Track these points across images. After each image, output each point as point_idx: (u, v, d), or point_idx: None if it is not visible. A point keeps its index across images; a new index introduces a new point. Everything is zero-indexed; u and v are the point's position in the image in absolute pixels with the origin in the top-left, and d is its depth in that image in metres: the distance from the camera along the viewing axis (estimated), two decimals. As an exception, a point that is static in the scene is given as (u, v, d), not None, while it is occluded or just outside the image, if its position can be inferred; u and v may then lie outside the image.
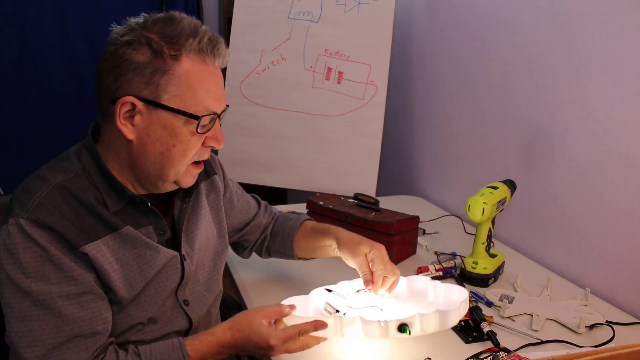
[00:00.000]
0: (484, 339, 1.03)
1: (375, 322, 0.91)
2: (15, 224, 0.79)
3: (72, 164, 0.88)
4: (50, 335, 0.80)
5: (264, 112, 2.04)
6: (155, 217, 0.92)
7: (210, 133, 0.88)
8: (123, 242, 0.87)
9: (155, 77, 0.82)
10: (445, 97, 1.92)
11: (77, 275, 0.82)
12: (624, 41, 1.21)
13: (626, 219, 1.24)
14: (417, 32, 2.07)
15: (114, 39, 0.85)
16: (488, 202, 1.21)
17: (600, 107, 1.29)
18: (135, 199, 0.89)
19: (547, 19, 1.43)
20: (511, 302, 1.20)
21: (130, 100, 0.82)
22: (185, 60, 0.83)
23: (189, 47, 0.83)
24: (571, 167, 1.38)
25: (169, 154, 0.86)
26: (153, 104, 0.83)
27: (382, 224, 1.38)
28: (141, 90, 0.82)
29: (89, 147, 0.90)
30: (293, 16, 2.02)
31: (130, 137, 0.85)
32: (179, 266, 0.95)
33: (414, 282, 1.09)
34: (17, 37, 2.56)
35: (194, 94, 0.84)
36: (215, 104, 0.87)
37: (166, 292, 0.93)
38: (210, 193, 1.06)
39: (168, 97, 0.83)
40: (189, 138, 0.86)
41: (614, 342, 1.06)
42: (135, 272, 0.88)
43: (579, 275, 1.36)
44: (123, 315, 0.89)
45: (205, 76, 0.85)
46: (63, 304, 0.80)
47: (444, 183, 1.97)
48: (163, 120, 0.84)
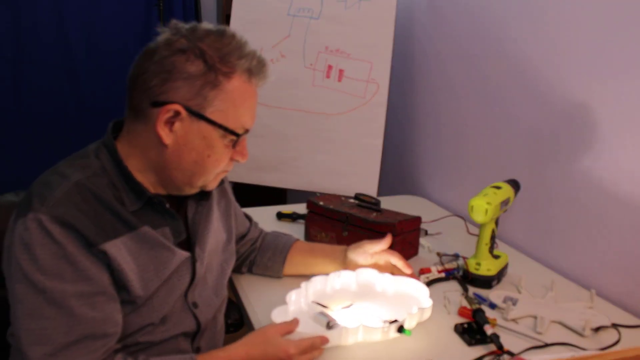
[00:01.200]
0: (487, 341, 1.02)
1: (378, 328, 0.97)
2: (34, 219, 0.79)
3: (91, 162, 0.89)
4: (60, 334, 0.79)
5: (263, 111, 2.02)
6: (172, 218, 0.94)
7: (238, 148, 0.93)
8: (141, 242, 0.88)
9: (204, 90, 0.85)
10: (448, 95, 1.91)
11: (92, 275, 0.82)
12: (626, 41, 1.20)
13: (632, 220, 1.22)
14: (419, 29, 2.05)
15: (165, 43, 0.86)
16: (491, 202, 1.20)
17: (605, 106, 1.27)
18: (153, 200, 0.90)
19: (550, 17, 1.42)
20: (515, 304, 1.18)
21: (176, 108, 0.85)
22: (236, 79, 0.87)
23: (240, 67, 0.87)
24: (575, 167, 1.37)
25: (202, 163, 0.89)
26: (197, 115, 0.86)
27: (383, 224, 1.36)
28: (188, 100, 0.85)
29: (108, 146, 0.91)
30: (293, 13, 2.00)
31: (167, 142, 0.87)
32: (190, 267, 0.96)
33: (361, 275, 1.18)
34: (14, 36, 2.55)
35: (236, 111, 0.88)
36: (251, 123, 0.92)
37: (177, 293, 0.95)
38: (222, 199, 1.10)
39: (212, 110, 0.86)
40: (223, 151, 0.90)
41: (620, 345, 1.04)
42: (151, 272, 0.89)
43: (584, 277, 1.35)
44: (135, 316, 0.89)
45: (248, 96, 0.90)
46: (76, 303, 0.80)
47: (447, 183, 1.95)
48: (203, 131, 0.87)
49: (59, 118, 2.71)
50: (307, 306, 1.09)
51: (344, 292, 1.16)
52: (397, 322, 0.99)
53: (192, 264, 0.97)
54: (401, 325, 0.98)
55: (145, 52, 0.87)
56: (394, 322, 0.99)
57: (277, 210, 1.69)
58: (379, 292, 1.16)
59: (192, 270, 0.97)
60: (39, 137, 2.67)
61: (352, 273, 1.18)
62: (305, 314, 1.06)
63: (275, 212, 1.68)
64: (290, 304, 1.06)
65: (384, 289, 1.16)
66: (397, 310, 1.07)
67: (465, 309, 1.13)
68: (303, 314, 1.07)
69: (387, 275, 1.16)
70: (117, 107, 3.22)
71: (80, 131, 2.75)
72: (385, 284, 1.16)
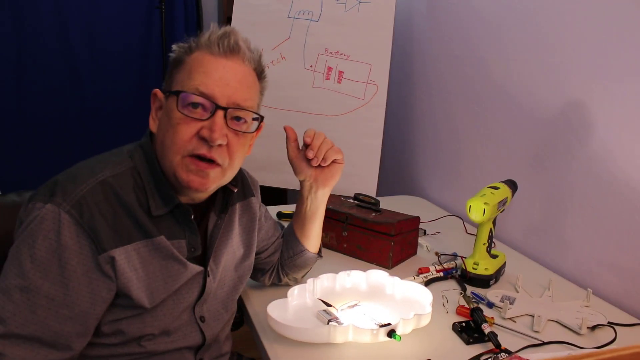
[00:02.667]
0: (485, 340, 1.03)
1: (367, 329, 0.97)
2: (52, 210, 0.79)
3: (123, 161, 0.88)
4: (16, 323, 0.78)
5: (263, 112, 2.01)
6: (191, 232, 0.91)
7: (206, 123, 0.84)
8: (154, 251, 0.86)
9: (173, 72, 0.89)
10: (446, 96, 1.91)
11: (73, 287, 0.80)
12: (625, 41, 1.21)
13: (628, 219, 1.23)
14: (417, 31, 2.06)
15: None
16: (489, 202, 1.21)
17: (602, 107, 1.28)
18: (181, 207, 0.88)
19: (548, 17, 1.43)
20: (512, 303, 1.19)
21: (155, 92, 0.90)
22: (196, 52, 0.87)
23: (202, 42, 0.88)
24: (573, 167, 1.38)
25: (165, 141, 0.86)
26: (165, 94, 0.89)
27: (382, 224, 1.37)
28: (165, 85, 0.90)
29: (145, 148, 0.90)
30: (293, 15, 2.02)
31: (153, 129, 0.90)
32: (201, 281, 0.94)
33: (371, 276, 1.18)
34: (15, 37, 2.55)
35: (190, 76, 0.86)
36: (210, 88, 0.84)
37: (183, 305, 0.92)
38: (244, 214, 1.05)
39: (174, 85, 0.87)
40: (177, 121, 0.84)
41: (616, 343, 1.05)
42: (159, 282, 0.87)
43: (580, 276, 1.36)
44: (136, 321, 0.87)
45: (207, 63, 0.86)
46: (44, 304, 0.79)
47: (445, 183, 1.96)
48: (167, 107, 0.87)
49: (61, 119, 2.71)
50: (312, 302, 1.09)
51: (354, 292, 1.16)
52: (389, 325, 0.98)
53: (203, 278, 0.94)
54: (392, 330, 0.97)
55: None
56: (385, 326, 0.98)
57: (278, 210, 1.70)
58: (388, 294, 1.16)
59: (203, 284, 0.94)
60: (41, 138, 2.67)
61: (362, 273, 1.18)
62: (309, 310, 1.06)
63: (276, 212, 1.69)
64: (292, 298, 1.05)
65: (393, 292, 1.16)
66: (402, 313, 1.06)
67: (463, 307, 1.14)
68: (307, 309, 1.07)
69: (397, 278, 1.16)
70: (119, 109, 3.23)
71: (83, 133, 2.76)
72: (395, 286, 1.16)
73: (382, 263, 1.38)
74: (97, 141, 2.78)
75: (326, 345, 0.98)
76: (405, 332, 1.00)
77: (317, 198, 1.09)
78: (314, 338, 0.98)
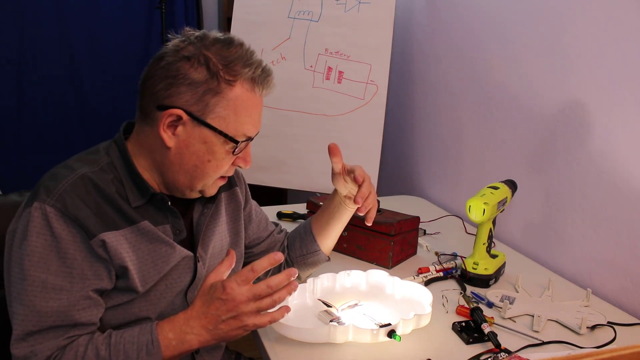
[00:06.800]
0: (484, 340, 1.03)
1: (367, 329, 0.97)
2: (39, 208, 0.82)
3: (100, 158, 0.92)
4: (33, 322, 0.82)
5: (263, 112, 2.02)
6: (173, 216, 0.95)
7: (241, 154, 0.94)
8: (140, 235, 0.90)
9: (206, 97, 0.87)
10: (446, 96, 1.92)
11: (77, 274, 0.84)
12: (624, 42, 1.21)
13: (628, 219, 1.23)
14: (417, 32, 2.06)
15: (173, 49, 0.89)
16: (489, 202, 1.21)
17: (602, 107, 1.29)
18: (156, 196, 0.92)
19: (548, 18, 1.43)
20: (512, 302, 1.19)
21: (178, 113, 0.87)
22: (238, 87, 0.88)
23: (243, 76, 0.88)
24: (572, 167, 1.38)
25: (203, 167, 0.91)
26: (199, 121, 0.88)
27: (382, 224, 1.37)
28: (191, 105, 0.87)
29: (119, 144, 0.94)
30: (293, 15, 2.02)
31: (170, 144, 0.89)
32: (192, 267, 0.97)
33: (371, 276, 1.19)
34: (16, 36, 2.56)
35: (237, 119, 0.89)
36: (253, 131, 0.93)
37: (176, 290, 0.95)
38: (230, 203, 1.10)
39: (214, 116, 0.88)
40: (223, 157, 0.92)
41: (616, 343, 1.05)
42: (149, 266, 0.91)
43: (580, 276, 1.36)
44: (131, 306, 0.91)
45: (250, 104, 0.90)
46: (54, 296, 0.83)
47: (445, 183, 1.97)
48: (204, 136, 0.89)
49: (61, 120, 2.71)
50: (313, 302, 1.10)
51: (353, 291, 1.17)
52: (389, 325, 0.99)
53: (194, 264, 0.97)
54: (392, 330, 0.98)
55: (155, 57, 0.91)
56: (385, 326, 0.99)
57: (278, 210, 1.70)
58: (388, 294, 1.17)
59: (194, 270, 0.97)
60: (41, 139, 2.68)
61: (362, 273, 1.19)
62: (309, 310, 1.07)
63: (276, 212, 1.69)
64: (292, 298, 1.05)
65: (393, 292, 1.17)
66: (402, 313, 1.07)
67: (463, 307, 1.15)
68: (307, 309, 1.08)
69: (397, 278, 1.17)
70: (119, 110, 3.24)
71: (83, 133, 2.76)
72: (395, 286, 1.17)
73: (382, 263, 1.39)
74: (97, 141, 2.76)
75: (326, 345, 0.99)
76: (405, 332, 1.01)
77: (349, 206, 1.14)
78: (314, 338, 0.98)
